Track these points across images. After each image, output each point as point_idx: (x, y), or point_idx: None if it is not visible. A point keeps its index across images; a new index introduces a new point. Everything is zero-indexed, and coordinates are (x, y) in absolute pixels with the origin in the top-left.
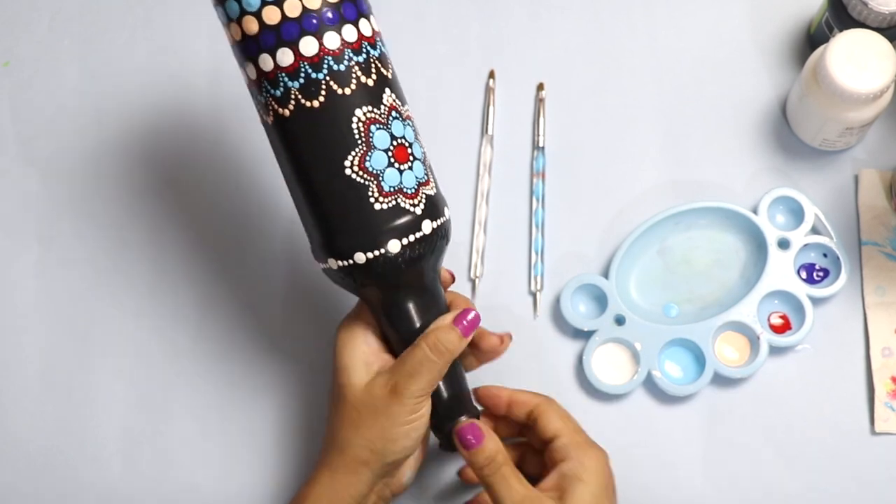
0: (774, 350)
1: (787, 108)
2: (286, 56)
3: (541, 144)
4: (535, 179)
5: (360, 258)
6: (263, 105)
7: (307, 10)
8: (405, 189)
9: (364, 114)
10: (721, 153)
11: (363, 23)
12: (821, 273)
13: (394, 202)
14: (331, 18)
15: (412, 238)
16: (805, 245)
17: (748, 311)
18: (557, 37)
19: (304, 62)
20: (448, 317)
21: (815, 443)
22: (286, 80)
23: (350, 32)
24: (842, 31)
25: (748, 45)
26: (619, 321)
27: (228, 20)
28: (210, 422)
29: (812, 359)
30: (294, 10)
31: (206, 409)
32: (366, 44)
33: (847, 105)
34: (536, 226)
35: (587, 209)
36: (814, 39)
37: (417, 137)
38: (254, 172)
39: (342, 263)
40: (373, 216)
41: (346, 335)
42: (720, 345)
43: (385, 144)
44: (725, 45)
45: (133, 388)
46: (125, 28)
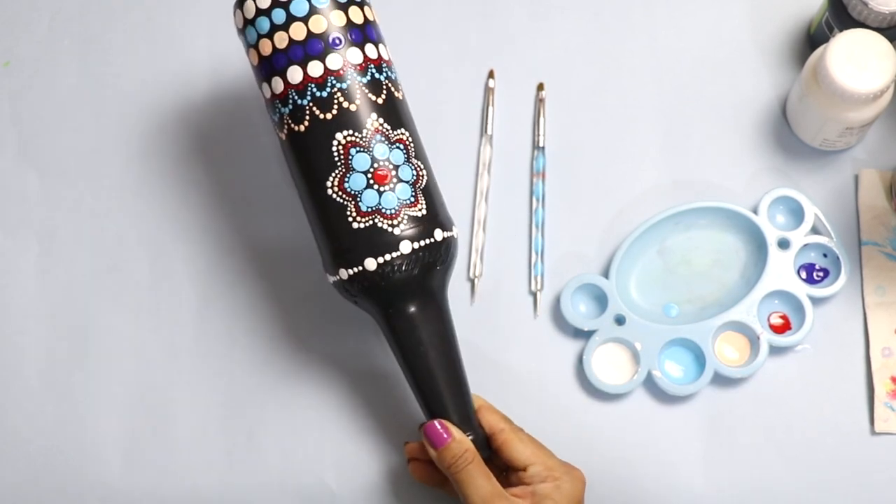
0: (774, 350)
1: (787, 108)
2: (277, 84)
3: (541, 144)
4: (535, 179)
5: (343, 274)
6: (276, 125)
7: (293, 42)
8: (384, 210)
9: (345, 137)
10: (721, 153)
11: (352, 52)
12: (821, 273)
13: (371, 222)
14: (316, 48)
15: (388, 257)
16: (805, 245)
17: (748, 311)
18: (557, 37)
19: (292, 90)
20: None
21: (815, 443)
22: (280, 107)
23: (335, 61)
24: (842, 31)
25: (748, 45)
26: (620, 321)
27: (248, 46)
28: (210, 422)
29: (812, 359)
30: (281, 43)
31: (207, 409)
32: (351, 71)
33: (847, 105)
34: (536, 226)
35: (587, 209)
36: (814, 39)
37: (411, 160)
38: (253, 172)
39: (332, 279)
40: (351, 235)
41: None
42: (720, 345)
43: (364, 166)
44: (725, 45)
45: (133, 388)
46: (125, 28)
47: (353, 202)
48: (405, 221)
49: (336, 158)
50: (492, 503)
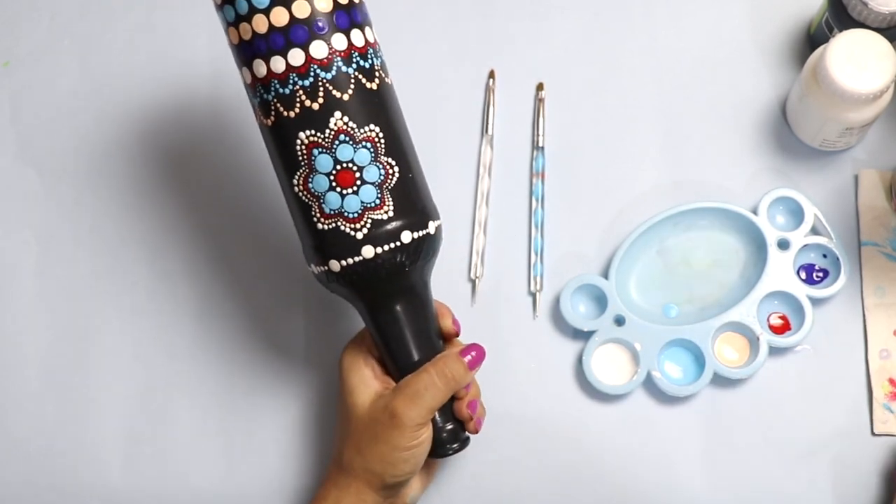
0: (774, 351)
1: (787, 108)
2: (246, 75)
3: (541, 144)
4: (535, 179)
5: (315, 270)
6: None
7: (256, 34)
8: (346, 213)
9: (307, 137)
10: (721, 153)
11: (316, 45)
12: (820, 274)
13: (334, 224)
14: (277, 42)
15: (351, 261)
16: (805, 245)
17: (748, 312)
18: (557, 37)
19: (258, 83)
20: (456, 349)
21: (815, 443)
22: (251, 97)
23: (296, 56)
24: (842, 31)
25: (748, 45)
26: (619, 321)
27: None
28: (210, 422)
29: (812, 359)
30: (246, 34)
31: (206, 409)
32: (315, 67)
33: (847, 105)
34: (536, 226)
35: (587, 209)
36: (814, 39)
37: (379, 159)
38: (253, 172)
39: (311, 269)
40: (317, 235)
41: (351, 355)
42: (720, 345)
43: (327, 168)
44: (725, 45)
45: (133, 388)
46: (125, 28)
47: (317, 203)
48: (368, 225)
49: (300, 158)
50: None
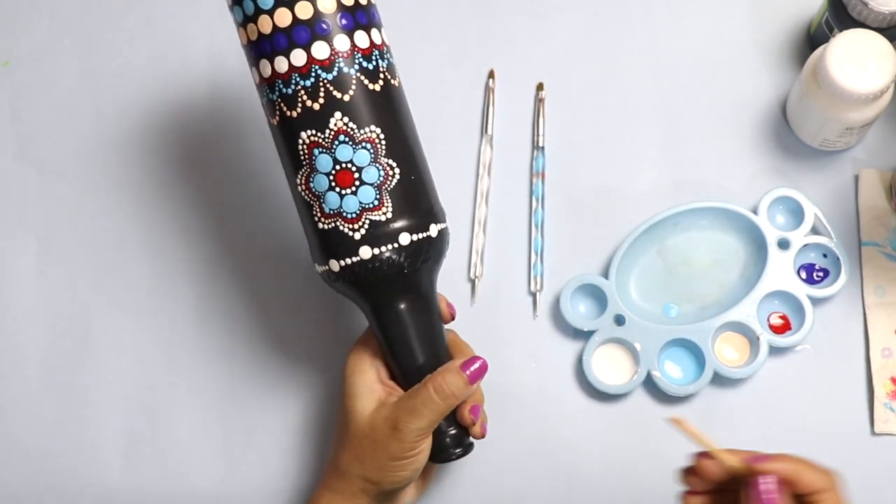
0: (774, 350)
1: (787, 109)
2: (255, 75)
3: (541, 144)
4: (535, 179)
5: (318, 269)
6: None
7: (261, 35)
8: (344, 213)
9: (308, 136)
10: (721, 153)
11: (317, 45)
12: (820, 273)
13: (333, 224)
14: (280, 43)
15: (349, 261)
16: (805, 245)
17: (748, 312)
18: (557, 37)
19: (265, 83)
20: (457, 361)
21: (815, 443)
22: (260, 96)
23: (298, 56)
24: (842, 31)
25: (748, 45)
26: (619, 321)
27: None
28: (210, 422)
29: (812, 359)
30: (253, 34)
31: (206, 409)
32: (316, 67)
33: (847, 105)
34: (536, 226)
35: (587, 209)
36: (814, 39)
37: (378, 160)
38: (252, 172)
39: (316, 269)
40: (318, 234)
41: (356, 359)
42: (720, 345)
43: (327, 168)
44: (725, 45)
45: (133, 388)
46: (125, 28)
47: (318, 203)
48: (367, 226)
49: (302, 157)
50: None
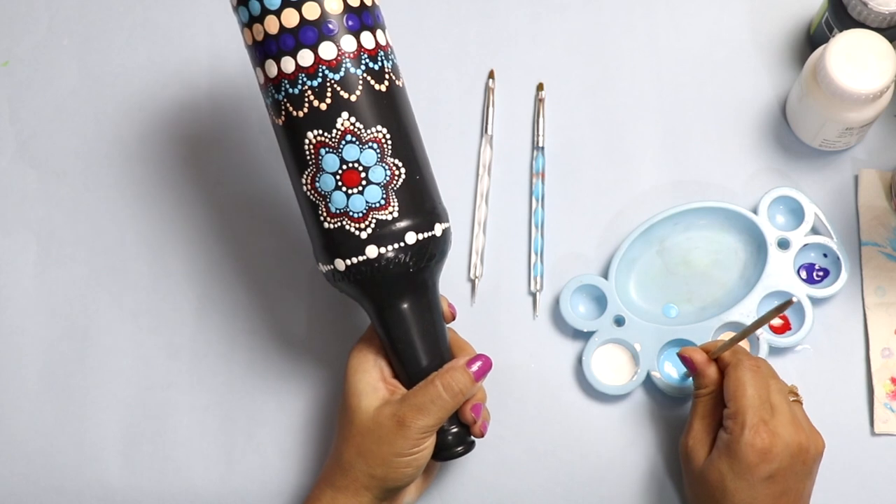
0: (774, 350)
1: (787, 108)
2: (260, 75)
3: (540, 144)
4: (535, 179)
5: (322, 268)
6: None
7: (268, 35)
8: (351, 213)
9: (315, 136)
10: (721, 153)
11: (325, 46)
12: (820, 273)
13: (339, 224)
14: (287, 43)
15: (355, 260)
16: (805, 245)
17: (747, 312)
18: (557, 37)
19: (270, 83)
20: (462, 359)
21: None
22: (264, 97)
23: (306, 57)
24: (842, 31)
25: (748, 45)
26: (619, 322)
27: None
28: (210, 422)
29: (812, 359)
30: (259, 35)
31: (206, 409)
32: (323, 67)
33: (847, 105)
34: (536, 226)
35: (587, 209)
36: (814, 39)
37: (385, 160)
38: (252, 171)
39: (319, 268)
40: (324, 234)
41: (360, 356)
42: None
43: (333, 168)
44: (725, 45)
45: (133, 388)
46: (125, 28)
47: (324, 202)
48: (373, 225)
49: (308, 157)
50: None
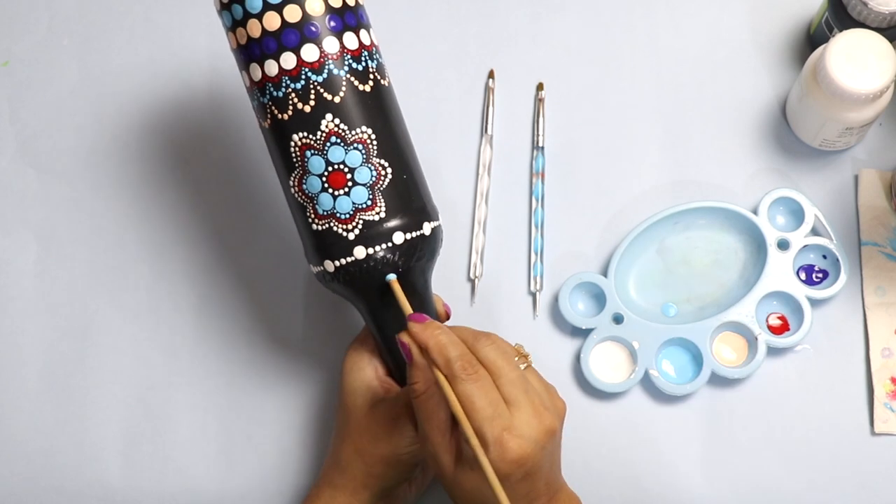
0: (773, 350)
1: (787, 108)
2: (245, 79)
3: (540, 144)
4: (535, 179)
5: (313, 270)
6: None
7: (251, 39)
8: (338, 214)
9: (300, 139)
10: (721, 153)
11: (307, 48)
12: (820, 275)
13: (327, 225)
14: (270, 46)
15: (344, 261)
16: (805, 246)
17: (746, 312)
18: (557, 37)
19: (255, 86)
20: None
21: (815, 443)
22: (251, 100)
23: (288, 60)
24: (842, 31)
25: (748, 45)
26: (618, 320)
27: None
28: (210, 422)
29: (811, 359)
30: (242, 38)
31: (206, 409)
32: (306, 70)
33: (847, 105)
34: (536, 226)
35: (587, 209)
36: (814, 39)
37: (371, 160)
38: (252, 171)
39: (311, 269)
40: (313, 235)
41: (354, 357)
42: (718, 345)
43: (319, 170)
44: (725, 45)
45: (133, 388)
46: (125, 28)
47: (311, 204)
48: (360, 226)
49: (294, 159)
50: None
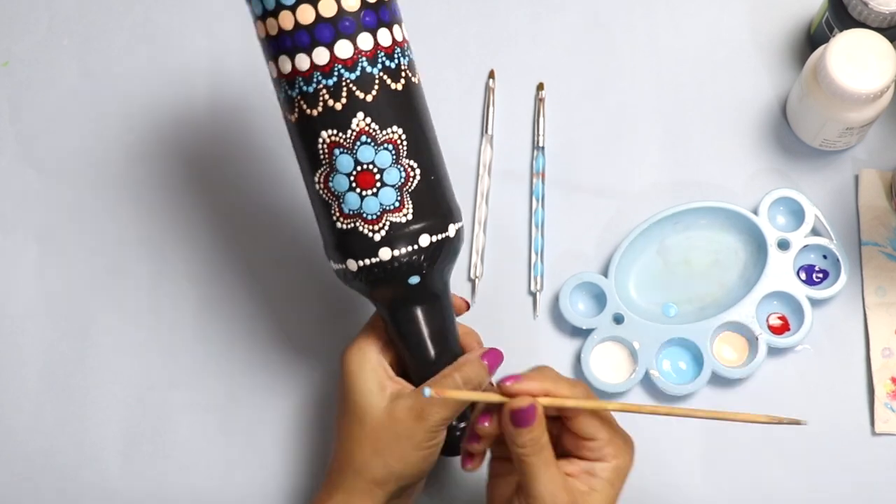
0: (774, 351)
1: (787, 108)
2: (273, 69)
3: (541, 144)
4: (535, 179)
5: (334, 266)
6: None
7: (282, 31)
8: (365, 214)
9: (329, 136)
10: (721, 153)
11: (341, 44)
12: (820, 275)
13: (352, 225)
14: (303, 40)
15: (368, 262)
16: (805, 246)
17: (747, 312)
18: (557, 37)
19: (283, 79)
20: (477, 352)
21: (815, 443)
22: (276, 91)
23: (321, 55)
24: (842, 31)
25: (748, 45)
26: (618, 320)
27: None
28: (210, 422)
29: (812, 360)
30: (272, 29)
31: (206, 409)
32: (339, 66)
33: (847, 105)
34: (536, 226)
35: (587, 209)
36: (814, 39)
37: (400, 161)
38: (252, 171)
39: (331, 265)
40: (336, 234)
41: (359, 356)
42: (718, 345)
43: (347, 169)
44: (725, 45)
45: (133, 388)
46: (125, 28)
47: (337, 203)
48: (387, 228)
49: (321, 156)
50: (557, 496)
